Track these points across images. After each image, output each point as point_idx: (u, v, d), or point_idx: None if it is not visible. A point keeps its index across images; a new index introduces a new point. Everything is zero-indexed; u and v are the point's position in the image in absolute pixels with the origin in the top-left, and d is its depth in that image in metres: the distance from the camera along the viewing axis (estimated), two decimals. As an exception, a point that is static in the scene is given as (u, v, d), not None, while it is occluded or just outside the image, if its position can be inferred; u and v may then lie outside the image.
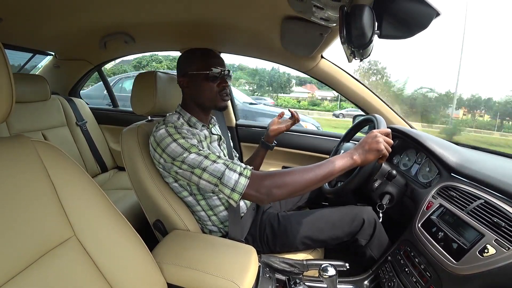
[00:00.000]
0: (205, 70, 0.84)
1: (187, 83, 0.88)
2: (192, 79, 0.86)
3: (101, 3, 0.87)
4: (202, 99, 0.88)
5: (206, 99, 0.88)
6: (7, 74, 0.43)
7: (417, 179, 1.00)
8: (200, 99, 0.88)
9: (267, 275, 0.80)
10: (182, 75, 0.88)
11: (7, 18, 0.99)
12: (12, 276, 0.41)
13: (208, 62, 0.85)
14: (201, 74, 0.85)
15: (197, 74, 0.85)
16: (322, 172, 0.71)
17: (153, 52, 1.56)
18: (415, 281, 0.73)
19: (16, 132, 1.37)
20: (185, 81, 0.88)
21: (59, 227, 0.49)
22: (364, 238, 0.91)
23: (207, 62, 0.85)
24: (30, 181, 0.47)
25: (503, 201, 0.66)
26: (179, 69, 0.90)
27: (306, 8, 0.68)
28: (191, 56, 0.89)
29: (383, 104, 1.30)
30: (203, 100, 0.88)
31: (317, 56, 1.17)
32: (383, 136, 0.74)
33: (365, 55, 0.64)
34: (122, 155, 0.89)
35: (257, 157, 1.15)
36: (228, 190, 0.70)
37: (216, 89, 0.87)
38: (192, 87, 0.87)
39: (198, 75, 0.85)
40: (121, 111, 2.00)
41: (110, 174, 1.80)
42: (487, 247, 0.60)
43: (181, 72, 0.89)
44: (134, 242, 0.60)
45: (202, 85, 0.86)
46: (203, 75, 0.85)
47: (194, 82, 0.86)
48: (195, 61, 0.86)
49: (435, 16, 0.52)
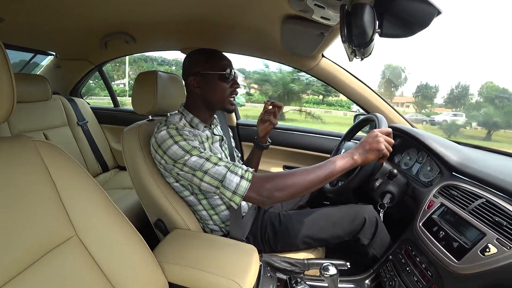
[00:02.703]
0: (221, 70, 0.85)
1: (198, 82, 0.86)
2: (205, 79, 0.86)
3: (101, 3, 0.87)
4: (213, 99, 0.88)
5: (217, 99, 0.88)
6: (8, 74, 0.43)
7: (418, 178, 1.00)
8: (211, 99, 0.88)
9: (268, 274, 0.80)
10: (193, 74, 0.86)
11: (9, 18, 0.99)
12: (13, 276, 0.42)
13: (222, 63, 0.86)
14: (216, 74, 0.85)
15: (212, 74, 0.85)
16: (323, 173, 0.71)
17: (153, 51, 1.56)
18: (416, 280, 0.73)
19: (18, 132, 1.37)
20: (196, 80, 0.86)
21: (61, 227, 0.49)
22: (366, 237, 0.91)
23: (221, 63, 0.86)
24: (32, 180, 0.47)
25: (505, 200, 0.66)
26: (189, 68, 0.88)
27: (307, 7, 0.68)
28: (203, 56, 0.88)
29: (384, 103, 1.30)
30: (214, 100, 0.88)
31: (318, 55, 1.17)
32: (384, 136, 0.74)
33: (366, 54, 0.64)
34: (123, 155, 0.89)
35: (254, 158, 1.14)
36: (230, 193, 0.70)
37: (229, 90, 0.87)
38: (204, 86, 0.86)
39: (213, 75, 0.85)
40: (122, 110, 2.00)
41: (111, 174, 1.81)
42: (489, 246, 0.60)
43: (192, 71, 0.87)
44: (135, 241, 0.60)
45: (216, 85, 0.86)
46: (218, 75, 0.85)
47: (207, 82, 0.86)
48: (209, 61, 0.86)
49: (436, 15, 0.52)
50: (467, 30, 41.09)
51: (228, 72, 0.86)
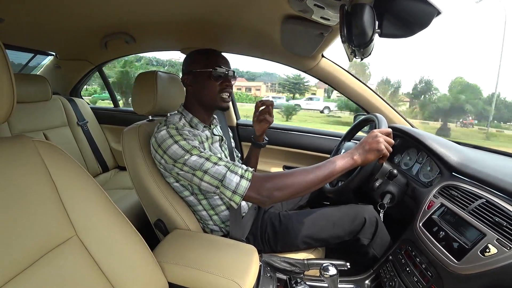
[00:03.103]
0: (209, 68, 0.85)
1: (190, 81, 0.88)
2: (196, 77, 0.87)
3: (101, 3, 0.87)
4: (204, 97, 0.88)
5: (207, 97, 0.88)
6: (8, 74, 0.43)
7: (418, 178, 1.00)
8: (202, 97, 0.89)
9: (268, 275, 0.80)
10: (186, 73, 0.89)
11: (9, 18, 0.99)
12: (13, 276, 0.42)
13: (212, 61, 0.86)
14: (205, 72, 0.85)
15: (201, 72, 0.86)
16: (322, 173, 0.71)
17: (153, 52, 1.56)
18: (416, 281, 0.73)
19: (18, 132, 1.37)
20: (188, 79, 0.89)
21: (61, 227, 0.49)
22: (366, 237, 0.91)
23: (211, 61, 0.86)
24: (32, 181, 0.47)
25: (505, 201, 0.66)
26: (184, 67, 0.91)
27: (307, 7, 0.68)
28: (196, 55, 0.90)
29: (384, 103, 1.30)
30: (204, 98, 0.89)
31: (318, 55, 1.17)
32: (384, 136, 0.74)
33: (366, 54, 0.64)
34: (123, 155, 0.89)
35: (252, 157, 1.14)
36: (230, 192, 0.71)
37: (217, 88, 0.87)
38: (195, 85, 0.88)
39: (201, 73, 0.86)
40: (122, 110, 2.00)
41: (111, 174, 1.81)
42: (489, 246, 0.60)
43: (186, 70, 0.90)
44: (135, 241, 0.60)
45: (205, 83, 0.86)
46: (206, 73, 0.85)
47: (197, 80, 0.87)
48: (200, 60, 0.87)
49: (436, 15, 0.52)
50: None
51: (217, 70, 0.85)
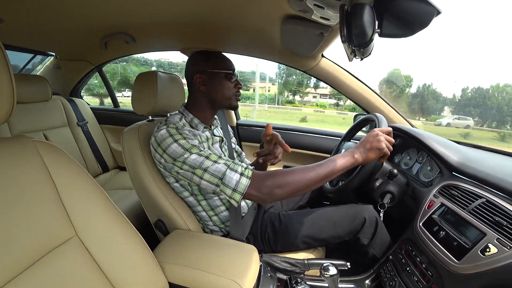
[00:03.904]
0: (227, 69, 0.87)
1: (204, 80, 0.87)
2: (212, 77, 0.87)
3: (101, 3, 0.87)
4: (219, 97, 0.89)
5: (223, 97, 0.89)
6: (8, 74, 0.43)
7: (418, 178, 1.00)
8: (216, 96, 0.89)
9: (268, 275, 0.80)
10: (199, 72, 0.87)
11: (8, 19, 0.99)
12: (13, 276, 0.42)
13: (227, 63, 0.89)
14: (222, 73, 0.87)
15: (218, 73, 0.87)
16: (323, 171, 0.71)
17: (153, 52, 1.56)
18: (417, 280, 0.73)
19: (18, 132, 1.37)
20: (202, 78, 0.87)
21: (61, 227, 0.49)
22: (366, 237, 0.91)
23: (226, 63, 0.89)
24: (32, 181, 0.47)
25: (505, 200, 0.66)
26: (194, 66, 0.89)
27: (307, 7, 0.68)
28: (209, 55, 0.90)
29: (384, 103, 1.30)
30: (219, 98, 0.89)
31: (318, 55, 1.17)
32: (384, 135, 0.74)
33: (366, 54, 0.64)
34: (123, 155, 0.89)
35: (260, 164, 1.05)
36: (230, 190, 0.70)
37: (233, 90, 0.90)
38: (210, 84, 0.88)
39: (219, 73, 0.87)
40: (122, 111, 2.00)
41: (111, 174, 1.81)
42: (489, 246, 0.60)
43: (197, 69, 0.87)
44: (136, 241, 0.60)
45: (222, 82, 0.88)
46: (224, 74, 0.87)
47: (214, 80, 0.87)
48: (215, 60, 0.88)
49: (436, 15, 0.52)
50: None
51: (232, 72, 0.89)
